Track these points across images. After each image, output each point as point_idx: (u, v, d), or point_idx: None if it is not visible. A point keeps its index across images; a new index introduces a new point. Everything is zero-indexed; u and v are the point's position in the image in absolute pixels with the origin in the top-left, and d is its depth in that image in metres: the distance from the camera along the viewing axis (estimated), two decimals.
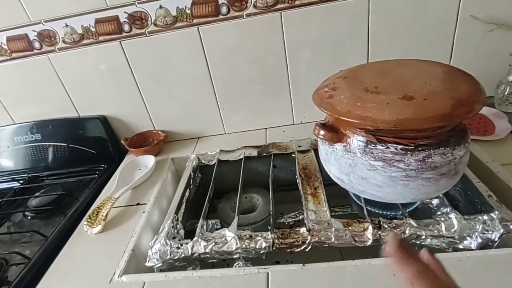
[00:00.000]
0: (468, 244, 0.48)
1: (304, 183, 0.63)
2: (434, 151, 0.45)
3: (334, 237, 0.50)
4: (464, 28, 0.73)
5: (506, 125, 0.69)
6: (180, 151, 0.87)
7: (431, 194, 0.49)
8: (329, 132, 0.50)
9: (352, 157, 0.49)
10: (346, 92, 0.48)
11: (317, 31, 0.75)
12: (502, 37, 0.73)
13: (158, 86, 0.84)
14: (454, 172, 0.47)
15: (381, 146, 0.46)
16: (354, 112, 0.45)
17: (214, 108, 0.87)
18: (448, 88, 0.44)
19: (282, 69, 0.81)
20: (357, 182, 0.50)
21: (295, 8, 0.73)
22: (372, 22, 0.74)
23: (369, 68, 0.55)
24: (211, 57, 0.79)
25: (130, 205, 0.69)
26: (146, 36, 0.77)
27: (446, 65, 0.51)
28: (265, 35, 0.76)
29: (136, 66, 0.81)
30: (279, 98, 0.85)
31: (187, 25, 0.75)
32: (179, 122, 0.90)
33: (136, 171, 0.80)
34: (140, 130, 0.91)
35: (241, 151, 0.77)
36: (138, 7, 0.74)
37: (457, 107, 0.42)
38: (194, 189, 0.73)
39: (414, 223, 0.49)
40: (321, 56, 0.78)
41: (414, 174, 0.46)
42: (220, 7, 0.73)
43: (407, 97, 0.44)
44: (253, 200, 0.73)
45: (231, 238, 0.52)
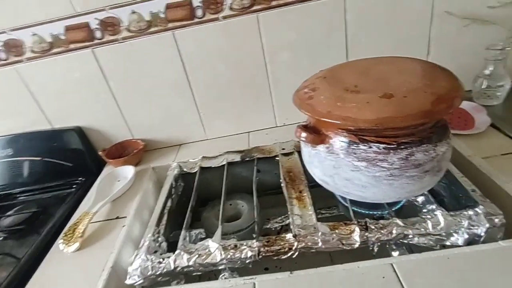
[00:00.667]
0: (455, 240, 0.48)
1: (288, 187, 0.61)
2: (417, 148, 0.44)
3: (321, 241, 0.49)
4: (439, 24, 0.74)
5: (485, 118, 0.69)
6: (161, 160, 0.84)
7: (416, 192, 0.49)
8: (311, 134, 0.49)
9: (335, 159, 0.48)
10: (326, 93, 0.47)
11: (295, 32, 0.75)
12: (477, 32, 0.74)
13: (135, 94, 0.81)
14: (437, 168, 0.46)
15: (364, 146, 0.45)
16: (335, 113, 0.44)
17: (194, 114, 0.85)
18: (427, 85, 0.44)
19: (261, 71, 0.79)
20: (342, 184, 0.49)
21: (271, 9, 0.72)
22: (349, 21, 0.74)
23: (348, 67, 0.55)
24: (188, 62, 0.77)
25: (109, 219, 0.66)
26: (119, 42, 0.74)
27: (424, 61, 0.51)
28: (243, 38, 0.75)
29: (111, 73, 0.78)
30: (260, 101, 0.83)
31: (162, 29, 0.73)
32: (159, 130, 0.87)
33: (115, 183, 0.77)
34: (118, 140, 0.88)
35: (224, 156, 0.75)
36: (110, 12, 0.71)
37: (437, 103, 0.41)
38: (177, 199, 0.71)
39: (401, 222, 0.48)
40: (301, 57, 0.77)
41: (398, 173, 0.45)
42: (195, 10, 0.71)
43: (387, 95, 0.43)
44: (238, 207, 0.71)
45: (215, 249, 0.50)
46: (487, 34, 0.74)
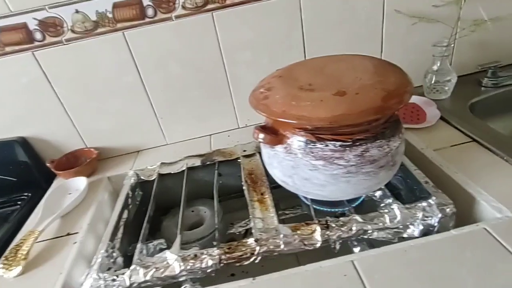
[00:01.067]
0: (412, 232, 0.49)
1: (250, 190, 0.60)
2: (371, 144, 0.45)
3: (283, 244, 0.48)
4: (390, 22, 0.77)
5: (436, 112, 0.73)
6: (118, 168, 0.79)
7: (373, 187, 0.49)
8: (269, 134, 0.48)
9: (294, 159, 0.47)
10: (281, 92, 0.47)
11: (252, 31, 0.74)
12: (424, 29, 0.78)
13: (85, 99, 0.76)
14: (392, 163, 0.47)
15: (320, 144, 0.45)
16: (290, 112, 0.43)
17: (152, 118, 0.81)
18: (378, 81, 0.44)
19: (220, 72, 0.77)
20: (301, 184, 0.49)
21: (226, 8, 0.70)
22: (305, 20, 0.74)
23: (304, 65, 0.54)
24: (142, 64, 0.73)
25: (58, 237, 0.61)
26: (63, 44, 0.69)
27: (375, 58, 0.52)
28: (199, 38, 0.72)
29: (56, 78, 0.72)
30: (220, 103, 0.81)
31: (110, 30, 0.68)
32: (114, 137, 0.82)
33: (66, 196, 0.71)
34: (70, 150, 0.82)
35: (183, 161, 0.72)
36: (50, 12, 0.65)
37: (388, 99, 0.42)
38: (135, 209, 0.67)
39: (360, 218, 0.48)
40: (259, 56, 0.77)
41: (354, 169, 0.45)
42: (146, 10, 0.68)
43: (340, 92, 0.43)
44: (201, 213, 0.68)
45: (173, 260, 0.47)
46: (434, 31, 0.77)
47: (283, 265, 0.47)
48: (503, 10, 0.77)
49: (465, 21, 0.77)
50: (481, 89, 0.81)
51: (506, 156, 0.57)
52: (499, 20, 0.78)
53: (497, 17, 0.78)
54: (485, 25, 0.77)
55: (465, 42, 0.80)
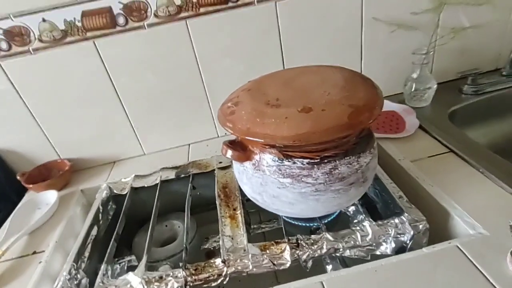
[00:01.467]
0: (385, 249, 0.48)
1: (223, 205, 0.58)
2: (340, 161, 0.43)
3: (252, 264, 0.46)
4: (369, 30, 0.75)
5: (414, 121, 0.72)
6: (92, 180, 0.77)
7: (344, 204, 0.48)
8: (237, 150, 0.46)
9: (262, 176, 0.46)
10: (248, 107, 0.45)
11: (228, 39, 0.72)
12: (404, 37, 0.77)
13: (57, 110, 0.73)
14: (362, 180, 0.46)
15: (288, 162, 0.43)
16: (254, 130, 0.41)
17: (128, 128, 0.79)
18: (345, 96, 0.43)
19: (197, 80, 0.75)
20: (270, 201, 0.47)
21: (200, 16, 0.68)
22: (282, 28, 0.72)
23: (274, 77, 0.53)
24: (115, 73, 0.71)
25: (24, 256, 0.58)
26: (31, 54, 0.66)
27: (347, 71, 0.51)
28: (173, 46, 0.70)
29: (25, 89, 0.70)
30: (198, 112, 0.79)
31: (80, 39, 0.66)
32: (89, 147, 0.80)
33: (35, 211, 0.69)
34: (42, 161, 0.79)
35: (158, 174, 0.70)
36: (15, 21, 0.63)
37: (355, 116, 0.40)
38: (106, 225, 0.65)
39: (331, 237, 0.47)
40: (236, 65, 0.75)
41: (323, 187, 0.44)
42: (117, 18, 0.66)
43: (306, 109, 0.41)
44: (175, 227, 0.66)
45: (137, 283, 0.45)
46: (414, 38, 0.76)
47: (261, 284, 0.45)
48: (482, 17, 0.76)
49: (445, 28, 0.76)
50: (462, 96, 0.80)
51: (481, 168, 0.56)
52: (479, 27, 0.77)
53: (476, 24, 0.77)
54: (464, 32, 0.77)
55: (445, 50, 0.80)
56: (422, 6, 0.73)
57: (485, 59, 0.83)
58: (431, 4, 0.72)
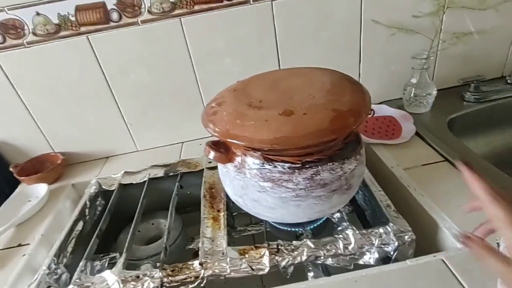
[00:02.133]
0: (368, 259, 0.46)
1: (207, 205, 0.57)
2: (322, 167, 0.42)
3: (230, 268, 0.45)
4: (368, 33, 0.73)
5: (411, 127, 0.70)
6: (84, 175, 0.77)
7: (327, 212, 0.47)
8: (219, 152, 0.45)
9: (243, 178, 0.45)
10: (230, 108, 0.44)
11: (223, 38, 0.71)
12: (403, 41, 0.74)
13: (51, 103, 0.73)
14: (346, 187, 0.45)
15: (269, 165, 0.42)
16: (233, 132, 0.40)
17: (121, 124, 0.79)
18: (330, 100, 0.41)
19: (191, 79, 0.75)
20: (251, 205, 0.46)
21: (195, 14, 0.67)
22: (278, 28, 0.71)
23: (262, 78, 0.51)
24: (108, 69, 0.71)
25: (8, 248, 0.59)
26: (25, 47, 0.66)
27: (337, 74, 0.49)
28: (167, 43, 0.70)
29: (19, 82, 0.70)
30: (192, 110, 0.79)
31: (73, 33, 0.66)
32: (83, 142, 0.80)
33: (26, 203, 0.69)
34: (36, 154, 0.79)
35: (147, 171, 0.70)
36: (10, 14, 0.63)
37: (337, 121, 0.39)
38: (92, 221, 0.64)
39: (312, 244, 0.46)
40: (231, 64, 0.74)
41: (303, 193, 0.42)
42: (110, 13, 0.65)
43: (287, 112, 0.40)
44: (161, 226, 0.66)
45: (113, 281, 0.45)
46: (415, 42, 0.74)
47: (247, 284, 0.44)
48: (486, 23, 0.74)
49: (447, 33, 0.74)
50: (463, 104, 0.77)
51: None
52: (483, 33, 0.75)
53: (480, 30, 0.74)
54: (468, 37, 0.74)
55: (447, 55, 0.77)
56: (424, 9, 0.71)
57: (490, 66, 0.80)
58: (432, 7, 0.70)
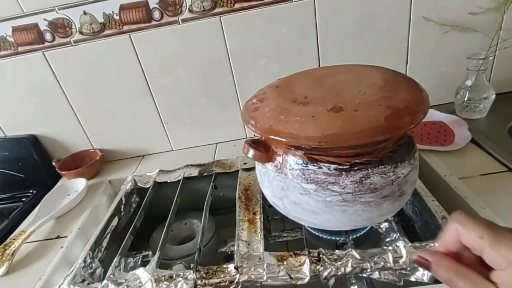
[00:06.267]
0: (421, 276, 0.41)
1: (242, 207, 0.55)
2: (373, 170, 0.38)
3: (267, 274, 0.42)
4: (417, 31, 0.69)
5: (466, 134, 0.63)
6: (121, 172, 0.78)
7: (375, 220, 0.43)
8: (259, 150, 0.43)
9: (284, 179, 0.42)
10: (272, 104, 0.42)
11: (262, 37, 0.69)
12: (457, 39, 0.69)
13: (93, 101, 0.76)
14: (398, 193, 0.40)
15: (313, 166, 0.39)
16: (276, 128, 0.38)
17: (158, 123, 0.79)
18: (384, 97, 0.38)
19: (227, 78, 0.74)
20: (292, 208, 0.43)
21: (235, 12, 0.66)
22: (320, 27, 0.68)
23: (305, 75, 0.49)
24: (148, 68, 0.72)
25: (48, 239, 0.60)
26: (71, 45, 0.69)
27: (389, 71, 0.45)
28: (206, 42, 0.69)
29: (65, 79, 0.73)
30: (227, 111, 0.78)
31: (117, 32, 0.68)
32: (120, 140, 0.81)
33: (65, 197, 0.71)
34: (78, 150, 0.82)
35: (181, 170, 0.69)
36: (59, 13, 0.66)
37: (393, 119, 0.35)
38: (127, 217, 0.65)
39: (358, 254, 0.42)
40: (269, 64, 0.72)
41: (351, 198, 0.39)
42: (152, 12, 0.66)
43: (336, 108, 0.37)
44: (193, 227, 0.64)
45: (146, 280, 0.44)
46: (470, 41, 0.68)
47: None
48: None
49: (509, 31, 0.67)
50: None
51: None
52: None
53: None
54: None
55: (507, 55, 0.70)
56: (482, 4, 0.65)
57: None
58: (493, 3, 0.64)
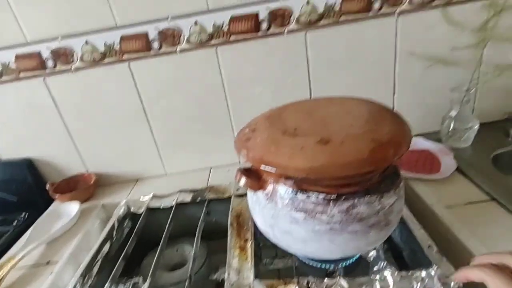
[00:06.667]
0: None
1: (234, 234, 0.55)
2: (359, 200, 0.40)
3: None
4: (403, 64, 0.72)
5: (451, 162, 0.65)
6: (114, 196, 0.78)
7: (363, 248, 0.43)
8: (251, 178, 0.44)
9: (274, 207, 0.43)
10: (264, 134, 0.43)
11: (256, 67, 0.72)
12: (441, 73, 0.72)
13: (89, 126, 0.77)
14: (384, 223, 0.41)
15: (302, 195, 0.40)
16: (267, 158, 0.39)
17: (153, 148, 0.80)
18: (369, 130, 0.40)
19: (222, 106, 0.76)
20: (281, 237, 0.44)
21: (230, 44, 0.70)
22: (311, 59, 0.72)
23: (297, 106, 0.51)
24: (145, 94, 0.74)
25: (38, 265, 0.59)
26: (72, 72, 0.71)
27: (374, 104, 0.48)
28: (202, 71, 0.72)
29: (63, 104, 0.75)
30: (222, 136, 0.80)
31: (116, 60, 0.70)
32: (115, 164, 0.82)
33: (57, 221, 0.70)
34: (72, 174, 0.83)
35: (175, 196, 0.70)
36: (62, 43, 0.68)
37: (377, 151, 0.37)
38: (119, 243, 0.64)
39: (346, 283, 0.42)
40: (263, 93, 0.75)
41: (339, 227, 0.40)
42: (152, 43, 0.69)
43: (324, 140, 0.39)
44: (185, 253, 0.64)
45: None
46: (453, 74, 0.72)
47: None
48: None
49: (489, 65, 0.71)
50: (508, 139, 0.72)
51: None
52: None
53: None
54: (510, 71, 0.71)
55: (489, 88, 0.74)
56: (463, 41, 0.69)
57: None
58: (473, 39, 0.68)
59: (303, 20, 0.68)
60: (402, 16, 0.68)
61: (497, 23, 0.66)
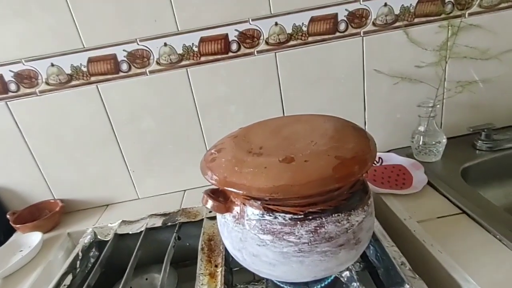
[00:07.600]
0: None
1: (204, 259, 0.53)
2: (327, 219, 0.39)
3: None
4: (371, 81, 0.74)
5: (423, 177, 0.66)
6: (81, 223, 0.74)
7: (334, 270, 0.42)
8: (217, 201, 0.43)
9: (242, 230, 0.41)
10: (229, 155, 0.42)
11: (228, 87, 0.72)
12: (407, 89, 0.75)
13: (56, 150, 0.74)
14: (354, 241, 0.41)
15: (269, 216, 0.39)
16: (230, 179, 0.38)
17: (123, 171, 0.78)
18: (333, 147, 0.40)
19: (195, 126, 0.75)
20: (250, 260, 0.42)
21: (201, 65, 0.70)
22: (282, 77, 0.72)
23: (265, 125, 0.51)
24: (115, 116, 0.72)
25: None
26: (37, 95, 0.69)
27: (340, 121, 0.48)
28: (173, 92, 0.72)
29: (28, 129, 0.71)
30: (195, 157, 0.78)
31: (84, 83, 0.69)
32: (84, 189, 0.79)
33: (16, 253, 0.66)
34: (37, 201, 0.78)
35: (145, 221, 0.67)
36: (26, 65, 0.66)
37: (341, 169, 0.37)
38: (83, 274, 0.60)
39: None
40: (235, 112, 0.74)
41: (307, 248, 0.39)
42: (120, 64, 0.68)
43: (287, 159, 0.38)
44: (155, 282, 0.61)
45: None
46: (419, 91, 0.74)
47: None
48: (491, 72, 0.74)
49: (452, 82, 0.74)
50: (476, 152, 0.74)
51: (499, 234, 0.49)
52: (488, 82, 0.75)
53: (485, 79, 0.74)
54: (473, 86, 0.74)
55: (454, 103, 0.76)
56: (426, 59, 0.72)
57: (499, 115, 0.79)
58: (434, 57, 0.71)
59: (272, 41, 0.69)
60: (367, 37, 0.70)
61: (454, 41, 0.69)
